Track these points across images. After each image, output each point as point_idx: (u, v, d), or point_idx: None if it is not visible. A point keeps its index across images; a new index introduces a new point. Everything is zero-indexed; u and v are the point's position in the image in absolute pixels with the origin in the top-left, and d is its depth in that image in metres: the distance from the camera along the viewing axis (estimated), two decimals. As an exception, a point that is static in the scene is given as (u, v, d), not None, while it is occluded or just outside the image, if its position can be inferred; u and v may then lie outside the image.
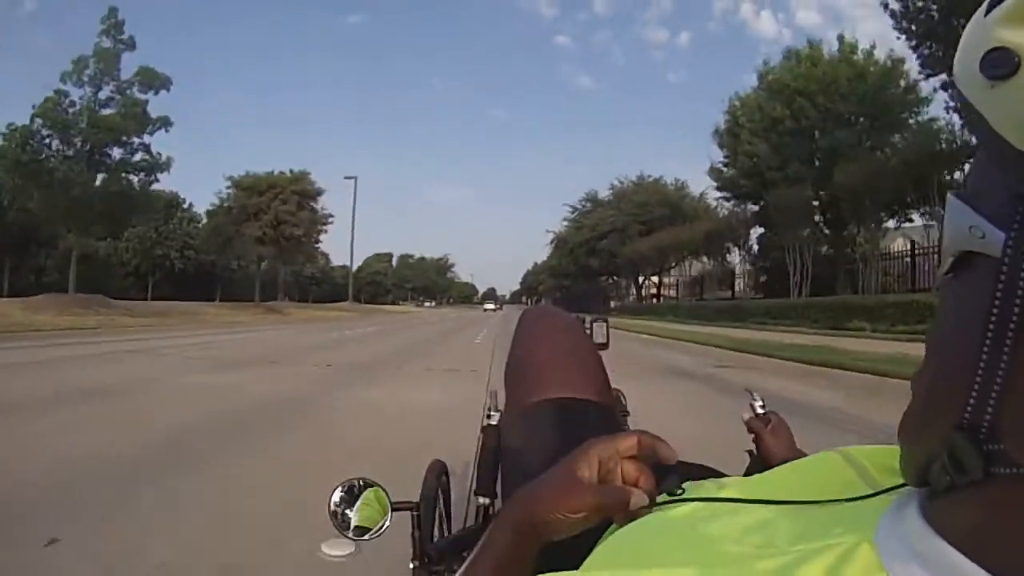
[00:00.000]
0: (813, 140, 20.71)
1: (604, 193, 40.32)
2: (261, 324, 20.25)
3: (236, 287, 47.56)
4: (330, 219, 35.18)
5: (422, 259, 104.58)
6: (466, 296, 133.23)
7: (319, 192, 33.81)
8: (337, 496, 0.71)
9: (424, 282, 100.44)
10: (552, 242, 45.56)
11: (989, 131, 0.20)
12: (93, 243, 31.39)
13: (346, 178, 41.09)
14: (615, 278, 41.09)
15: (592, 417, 0.70)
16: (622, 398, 1.15)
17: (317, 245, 37.22)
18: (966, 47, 0.22)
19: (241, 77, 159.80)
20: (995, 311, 0.20)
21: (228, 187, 32.84)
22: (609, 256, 35.88)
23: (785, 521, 0.28)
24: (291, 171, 33.48)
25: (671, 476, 0.41)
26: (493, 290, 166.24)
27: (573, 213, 42.50)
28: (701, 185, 38.46)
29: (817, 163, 20.53)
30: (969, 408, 0.21)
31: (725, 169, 24.20)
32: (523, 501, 0.38)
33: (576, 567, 0.29)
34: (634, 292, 38.52)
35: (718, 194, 26.61)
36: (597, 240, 37.45)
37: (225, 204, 32.73)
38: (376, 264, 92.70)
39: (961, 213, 0.23)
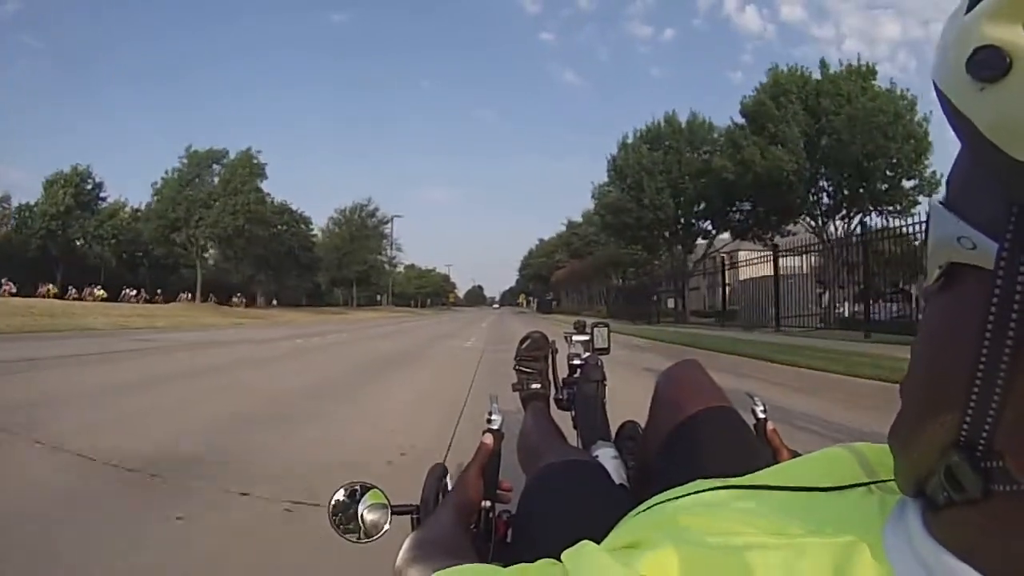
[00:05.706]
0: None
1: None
2: None
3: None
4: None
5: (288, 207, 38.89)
6: (438, 293, 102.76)
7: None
8: (337, 499, 0.70)
9: (285, 245, 37.42)
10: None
11: (978, 137, 0.19)
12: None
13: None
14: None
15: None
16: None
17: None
18: (946, 47, 0.21)
19: (228, 77, 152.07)
20: (990, 325, 0.19)
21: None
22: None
23: (796, 510, 0.28)
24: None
25: None
26: (480, 288, 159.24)
27: None
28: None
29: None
30: (966, 425, 0.20)
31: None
32: None
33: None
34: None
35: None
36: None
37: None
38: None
39: (947, 223, 0.22)
